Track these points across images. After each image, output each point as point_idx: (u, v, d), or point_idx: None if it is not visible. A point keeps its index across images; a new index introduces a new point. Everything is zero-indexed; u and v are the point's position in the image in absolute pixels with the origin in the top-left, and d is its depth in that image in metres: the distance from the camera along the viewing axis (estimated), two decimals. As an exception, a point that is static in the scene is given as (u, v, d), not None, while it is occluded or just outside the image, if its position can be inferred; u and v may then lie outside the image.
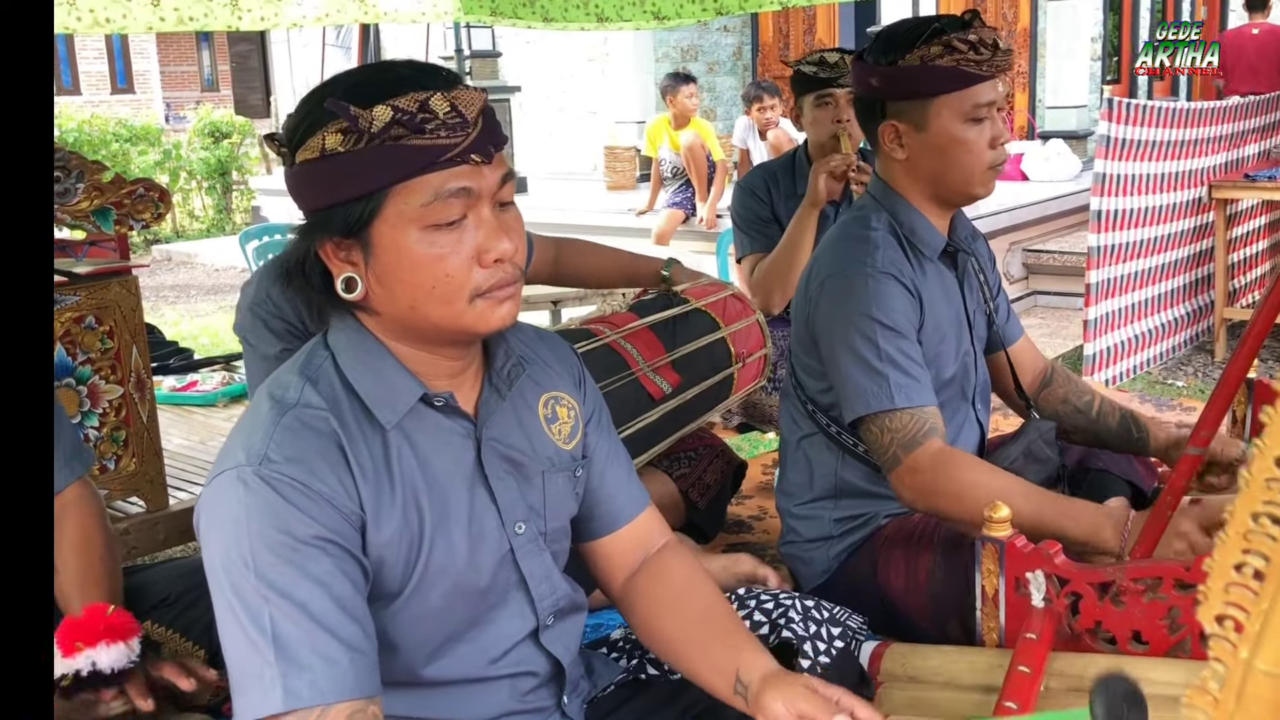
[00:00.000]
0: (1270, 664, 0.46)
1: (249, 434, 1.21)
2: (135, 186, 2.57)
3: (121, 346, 2.49)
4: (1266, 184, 5.17)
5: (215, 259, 9.92)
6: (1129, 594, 1.51)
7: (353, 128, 1.14)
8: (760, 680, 1.29)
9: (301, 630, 1.12)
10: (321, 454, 1.19)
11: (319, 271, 1.24)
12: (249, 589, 1.13)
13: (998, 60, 1.87)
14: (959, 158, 1.90)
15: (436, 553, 1.26)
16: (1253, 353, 1.56)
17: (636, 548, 1.49)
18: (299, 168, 1.19)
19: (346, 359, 1.26)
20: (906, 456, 1.82)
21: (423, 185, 1.16)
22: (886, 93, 1.92)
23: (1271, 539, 0.46)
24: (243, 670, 1.13)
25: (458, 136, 1.16)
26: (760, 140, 7.32)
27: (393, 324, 1.25)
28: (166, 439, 2.78)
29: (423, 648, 1.29)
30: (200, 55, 22.48)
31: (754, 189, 3.25)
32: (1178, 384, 4.90)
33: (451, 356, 1.28)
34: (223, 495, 1.17)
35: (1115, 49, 9.90)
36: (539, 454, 1.38)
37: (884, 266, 1.90)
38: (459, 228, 1.19)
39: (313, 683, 1.11)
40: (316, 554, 1.15)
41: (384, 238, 1.18)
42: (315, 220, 1.21)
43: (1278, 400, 0.46)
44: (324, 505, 1.17)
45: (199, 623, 1.73)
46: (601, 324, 2.34)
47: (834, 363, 1.92)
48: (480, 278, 1.20)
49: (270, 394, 1.25)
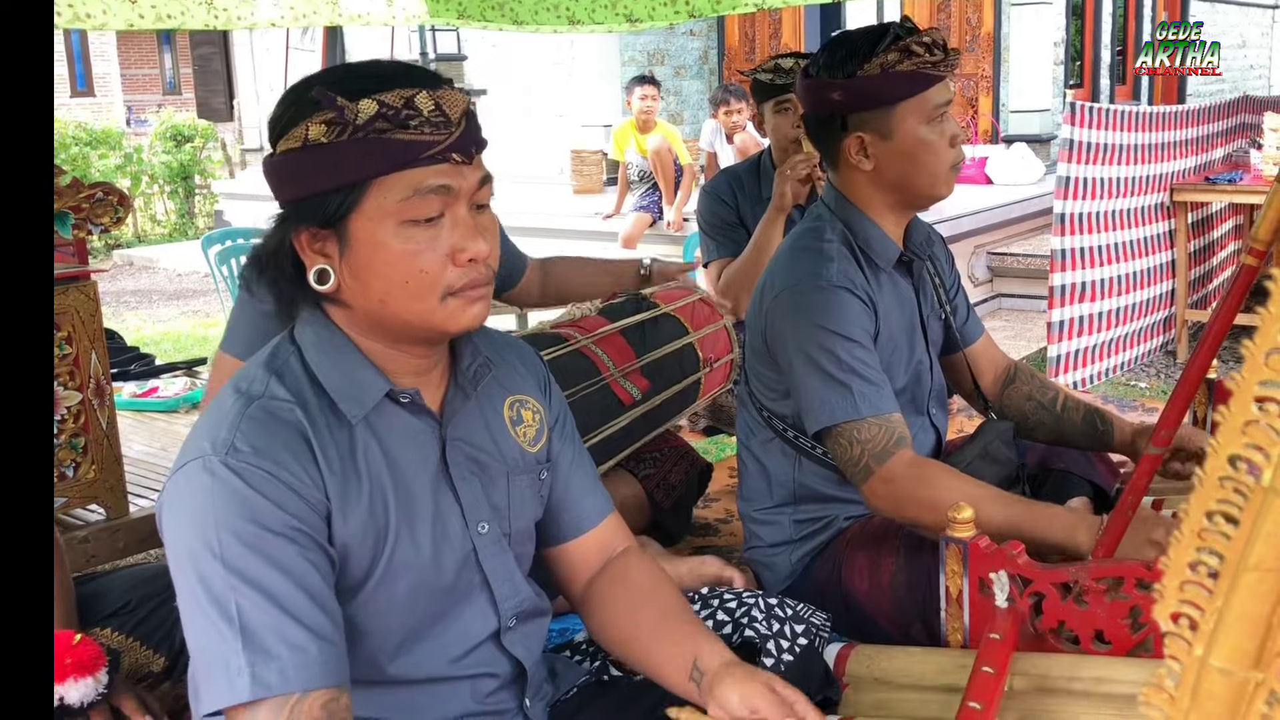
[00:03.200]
0: (1224, 661, 0.47)
1: (214, 425, 1.20)
2: (94, 190, 2.53)
3: (80, 352, 2.46)
4: (1227, 187, 5.24)
5: (177, 264, 9.81)
6: (1091, 594, 1.52)
7: (338, 119, 1.15)
8: (718, 669, 1.30)
9: (269, 619, 1.12)
10: (287, 445, 1.19)
11: (292, 262, 1.25)
12: (216, 578, 1.13)
13: (950, 60, 1.91)
14: (925, 160, 1.92)
15: (401, 548, 1.26)
16: (1212, 352, 1.57)
17: (599, 553, 1.50)
18: (280, 157, 1.21)
19: (313, 354, 1.27)
20: (879, 468, 1.82)
21: (403, 180, 1.18)
22: (849, 106, 1.92)
23: (1225, 537, 0.46)
24: (208, 660, 1.13)
25: (440, 134, 1.18)
26: (727, 144, 7.34)
27: (362, 318, 1.26)
28: (127, 446, 2.74)
29: (386, 642, 1.29)
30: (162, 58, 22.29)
31: (720, 194, 3.26)
32: (1140, 385, 4.95)
33: (418, 355, 1.29)
34: (188, 485, 1.17)
35: (1078, 53, 10.01)
36: (504, 455, 1.39)
37: (838, 280, 1.90)
38: (436, 225, 1.20)
39: (281, 671, 1.11)
40: (284, 543, 1.16)
41: (361, 230, 1.19)
42: (293, 210, 1.23)
43: (1230, 399, 0.46)
44: (291, 495, 1.17)
45: (159, 630, 1.72)
46: (571, 328, 2.34)
47: (794, 375, 1.91)
48: (453, 276, 1.21)
49: (235, 387, 1.25)
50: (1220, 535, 0.46)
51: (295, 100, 1.21)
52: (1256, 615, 0.46)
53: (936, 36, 1.90)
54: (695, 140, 8.16)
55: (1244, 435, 0.45)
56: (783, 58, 3.10)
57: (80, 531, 2.43)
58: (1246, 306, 1.69)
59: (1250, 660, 0.47)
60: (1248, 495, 0.45)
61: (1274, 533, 0.45)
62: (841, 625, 1.95)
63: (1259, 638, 0.46)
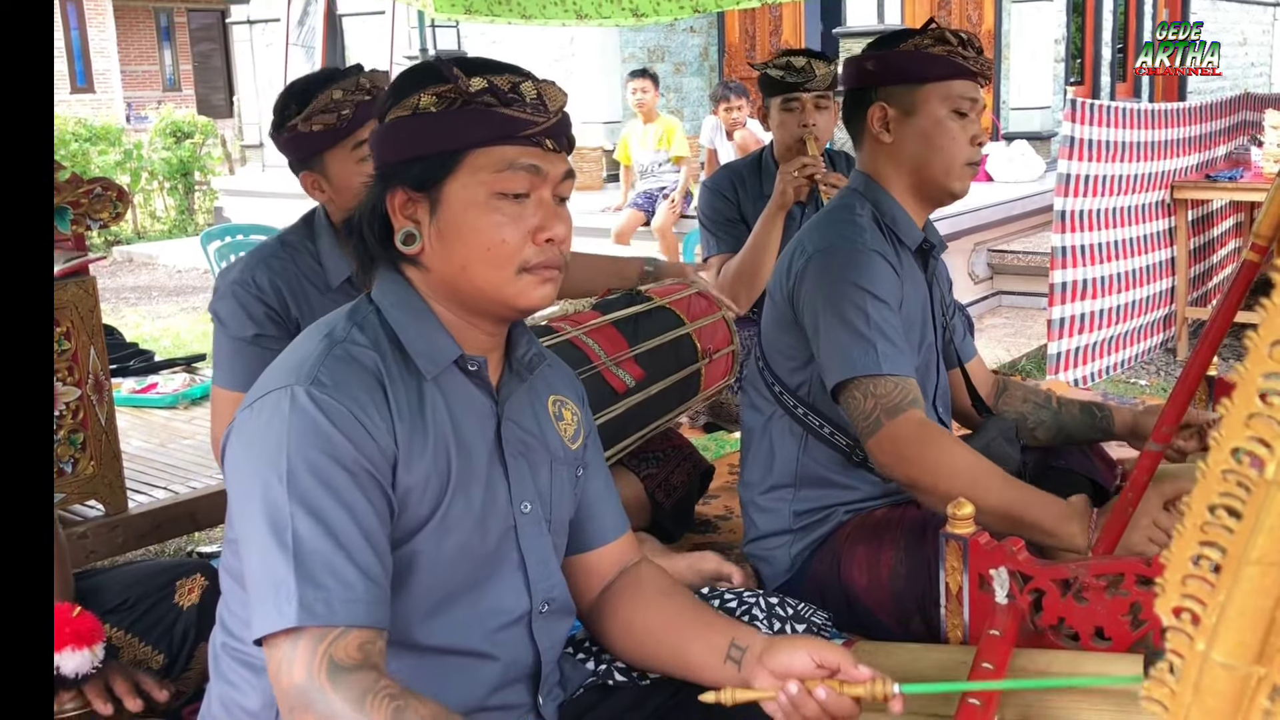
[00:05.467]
0: (1226, 656, 0.46)
1: (298, 363, 1.26)
2: (92, 186, 2.53)
3: (79, 348, 2.45)
4: (1227, 184, 5.23)
5: (177, 260, 9.81)
6: (1091, 590, 1.52)
7: (450, 91, 1.26)
8: (766, 641, 1.32)
9: (324, 550, 1.16)
10: (365, 387, 1.25)
11: (380, 223, 1.32)
12: (279, 503, 1.17)
13: (981, 62, 2.00)
14: (942, 146, 1.97)
15: (456, 503, 1.31)
16: (1213, 348, 1.57)
17: (615, 565, 1.54)
18: (389, 124, 1.31)
19: (393, 312, 1.33)
20: (889, 422, 1.83)
21: (499, 154, 1.28)
22: (879, 77, 2.01)
23: (1228, 531, 0.46)
24: (260, 583, 1.17)
25: (539, 118, 1.29)
26: (727, 140, 7.34)
27: (439, 284, 1.32)
28: (126, 442, 2.74)
29: (423, 601, 1.31)
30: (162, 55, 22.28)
31: (721, 189, 3.26)
32: (1140, 383, 4.95)
33: (485, 330, 1.36)
34: (266, 413, 1.22)
35: (1079, 51, 10.00)
36: (548, 444, 1.44)
37: (871, 244, 1.95)
38: (522, 203, 1.29)
39: (327, 602, 1.15)
40: (350, 480, 1.20)
41: (454, 196, 1.28)
42: (392, 170, 1.31)
43: (1234, 391, 0.46)
44: (364, 435, 1.22)
45: (157, 626, 1.72)
46: (563, 322, 2.35)
47: (819, 332, 1.94)
48: (530, 253, 1.29)
49: (318, 331, 1.31)
50: (1223, 529, 0.46)
51: (412, 74, 1.32)
52: (1259, 610, 0.45)
53: (972, 38, 2.01)
54: (696, 137, 8.16)
55: (1247, 428, 0.44)
56: (795, 55, 3.09)
57: (79, 527, 2.43)
58: (1248, 303, 1.69)
59: (1253, 655, 0.46)
60: (1251, 489, 0.45)
61: (1277, 526, 0.44)
62: (841, 620, 1.95)
63: (1261, 632, 0.46)
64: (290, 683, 1.14)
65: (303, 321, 2.03)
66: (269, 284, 2.06)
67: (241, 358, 2.05)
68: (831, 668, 1.25)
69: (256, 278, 2.06)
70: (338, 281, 2.09)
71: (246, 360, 2.02)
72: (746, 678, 1.31)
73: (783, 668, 1.27)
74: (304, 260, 2.12)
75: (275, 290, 2.06)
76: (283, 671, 1.14)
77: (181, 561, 2.10)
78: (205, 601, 1.75)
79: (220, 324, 2.09)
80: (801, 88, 3.02)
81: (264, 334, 2.04)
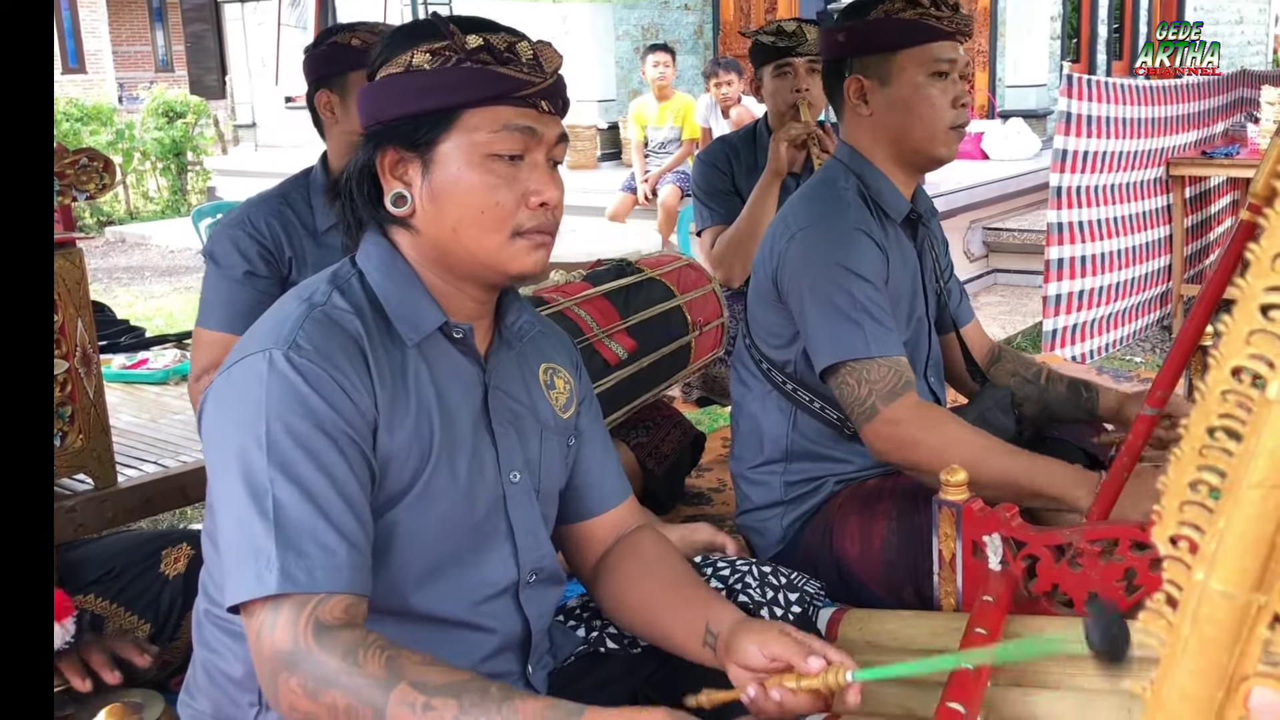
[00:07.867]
0: (1226, 583, 0.45)
1: (276, 326, 1.24)
2: (78, 156, 2.49)
3: (66, 320, 2.42)
4: (1224, 161, 5.22)
5: (170, 241, 9.77)
6: (1086, 556, 1.50)
7: (445, 48, 1.23)
8: (731, 628, 1.30)
9: (305, 517, 1.14)
10: (345, 351, 1.22)
11: (370, 184, 1.30)
12: (258, 469, 1.15)
13: (958, 20, 1.93)
14: (922, 112, 1.92)
15: (439, 473, 1.28)
16: (1209, 309, 1.55)
17: (613, 532, 1.52)
18: (379, 81, 1.28)
19: (376, 276, 1.30)
20: (885, 407, 1.81)
21: (493, 114, 1.25)
22: (852, 48, 1.96)
23: (1227, 453, 0.44)
24: (238, 553, 1.15)
25: (535, 78, 1.26)
26: (723, 119, 7.29)
27: (429, 247, 1.30)
28: (116, 417, 2.71)
29: (410, 570, 1.29)
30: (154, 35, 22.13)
31: (714, 161, 3.23)
32: (1136, 360, 4.94)
33: (474, 296, 1.33)
34: (244, 377, 1.20)
35: (1075, 29, 9.96)
36: (538, 413, 1.42)
37: (855, 223, 1.91)
38: (516, 165, 1.27)
39: (309, 570, 1.13)
40: (331, 445, 1.18)
41: (447, 156, 1.26)
42: (384, 129, 1.28)
43: (1235, 307, 0.44)
44: (345, 399, 1.20)
45: (143, 596, 1.71)
46: (555, 293, 2.34)
47: (805, 313, 1.91)
48: (524, 216, 1.27)
49: (298, 295, 1.29)
50: (1222, 451, 0.44)
51: (406, 31, 1.29)
52: (1260, 535, 0.44)
53: None
54: (690, 115, 8.10)
55: (1248, 345, 0.43)
56: (786, 21, 3.06)
57: (68, 501, 2.41)
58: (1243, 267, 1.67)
59: (1253, 582, 0.45)
60: (1251, 408, 0.43)
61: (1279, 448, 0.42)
62: (834, 591, 1.94)
63: (1262, 558, 0.44)
64: (273, 648, 1.12)
65: (295, 263, 2.11)
66: (264, 223, 2.14)
67: (228, 296, 2.11)
68: (783, 662, 1.23)
69: (252, 217, 2.16)
70: (325, 227, 2.16)
71: (233, 298, 2.09)
72: (721, 662, 1.29)
73: (740, 661, 1.26)
74: (299, 206, 2.20)
75: (270, 229, 2.14)
76: (264, 637, 1.12)
77: (167, 531, 2.09)
78: (191, 571, 1.74)
79: (213, 263, 2.15)
80: (793, 52, 2.99)
81: (254, 272, 2.12)
